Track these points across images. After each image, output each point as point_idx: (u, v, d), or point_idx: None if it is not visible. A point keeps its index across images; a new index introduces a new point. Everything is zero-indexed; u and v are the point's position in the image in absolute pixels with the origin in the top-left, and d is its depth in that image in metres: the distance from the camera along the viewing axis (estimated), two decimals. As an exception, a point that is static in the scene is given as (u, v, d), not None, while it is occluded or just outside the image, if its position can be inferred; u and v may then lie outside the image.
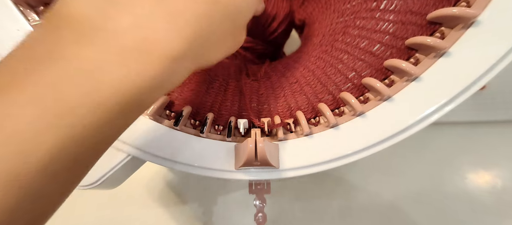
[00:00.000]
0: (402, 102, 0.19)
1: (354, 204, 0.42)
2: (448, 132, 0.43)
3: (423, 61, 0.19)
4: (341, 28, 0.23)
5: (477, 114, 0.42)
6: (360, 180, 0.43)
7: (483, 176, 0.42)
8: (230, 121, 0.21)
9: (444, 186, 0.42)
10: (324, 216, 0.42)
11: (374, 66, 0.20)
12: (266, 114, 0.22)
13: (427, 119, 0.18)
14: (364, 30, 0.21)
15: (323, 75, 0.22)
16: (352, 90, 0.21)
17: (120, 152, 0.20)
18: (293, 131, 0.21)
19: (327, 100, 0.21)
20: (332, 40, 0.23)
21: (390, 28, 0.20)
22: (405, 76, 0.19)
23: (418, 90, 0.18)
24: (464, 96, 0.17)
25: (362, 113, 0.20)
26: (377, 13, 0.21)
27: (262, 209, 0.27)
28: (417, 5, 0.19)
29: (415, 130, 0.18)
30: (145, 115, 0.20)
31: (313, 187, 0.43)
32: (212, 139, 0.21)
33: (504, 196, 0.40)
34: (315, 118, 0.22)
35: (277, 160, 0.20)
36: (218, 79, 0.24)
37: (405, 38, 0.20)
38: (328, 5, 0.26)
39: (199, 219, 0.43)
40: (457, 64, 0.18)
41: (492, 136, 0.43)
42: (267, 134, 0.21)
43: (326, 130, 0.20)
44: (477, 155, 0.43)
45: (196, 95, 0.22)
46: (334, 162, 0.20)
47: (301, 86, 0.23)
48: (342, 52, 0.22)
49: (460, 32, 0.18)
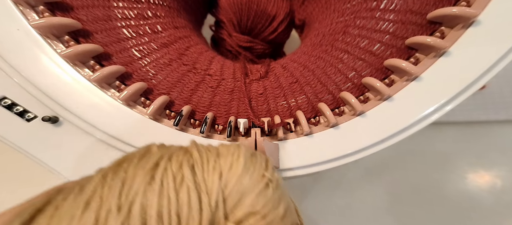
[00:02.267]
0: (402, 102, 0.19)
1: (354, 203, 0.42)
2: (448, 132, 0.43)
3: (423, 60, 0.19)
4: (341, 27, 0.23)
5: (477, 114, 0.42)
6: (360, 180, 0.43)
7: (483, 176, 0.42)
8: (230, 120, 0.21)
9: (444, 186, 0.42)
10: (324, 216, 0.42)
11: (374, 66, 0.20)
12: (266, 114, 0.22)
13: (427, 119, 0.18)
14: (364, 29, 0.21)
15: (323, 74, 0.22)
16: (352, 90, 0.21)
17: (120, 152, 0.20)
18: (293, 130, 0.21)
19: (327, 99, 0.21)
20: (332, 40, 0.23)
21: (390, 27, 0.20)
22: (405, 75, 0.19)
23: (418, 89, 0.18)
24: (464, 96, 0.17)
25: (362, 113, 0.20)
26: (377, 13, 0.21)
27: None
28: (417, 5, 0.19)
29: (415, 130, 0.18)
30: (145, 115, 0.20)
31: (313, 186, 0.43)
32: (212, 139, 0.21)
33: (504, 196, 0.40)
34: (315, 118, 0.21)
35: (277, 159, 0.20)
36: (218, 79, 0.24)
37: (405, 37, 0.20)
38: (328, 5, 0.26)
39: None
40: (457, 63, 0.18)
41: (492, 136, 0.42)
42: (267, 133, 0.21)
43: (326, 130, 0.20)
44: (477, 155, 0.43)
45: (196, 95, 0.22)
46: (334, 162, 0.20)
47: (301, 85, 0.23)
48: (342, 52, 0.22)
49: (460, 32, 0.18)
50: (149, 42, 0.22)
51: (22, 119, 0.20)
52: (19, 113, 0.20)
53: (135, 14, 0.23)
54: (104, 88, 0.20)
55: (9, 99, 0.20)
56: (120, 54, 0.21)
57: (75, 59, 0.19)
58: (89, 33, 0.20)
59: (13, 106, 0.19)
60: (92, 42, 0.20)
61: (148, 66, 0.22)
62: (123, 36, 0.22)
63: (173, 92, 0.22)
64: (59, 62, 0.19)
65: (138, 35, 0.22)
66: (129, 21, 0.22)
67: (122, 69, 0.20)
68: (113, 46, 0.21)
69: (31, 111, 0.20)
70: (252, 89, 0.24)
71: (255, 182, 0.11)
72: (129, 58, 0.21)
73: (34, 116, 0.20)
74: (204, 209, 0.10)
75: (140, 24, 0.23)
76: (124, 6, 0.22)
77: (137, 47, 0.22)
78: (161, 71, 0.22)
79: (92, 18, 0.21)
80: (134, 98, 0.21)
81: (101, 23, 0.21)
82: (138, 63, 0.21)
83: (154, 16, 0.24)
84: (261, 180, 0.12)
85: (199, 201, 0.10)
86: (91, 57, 0.20)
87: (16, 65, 0.18)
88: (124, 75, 0.21)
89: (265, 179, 0.12)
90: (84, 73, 0.20)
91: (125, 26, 0.22)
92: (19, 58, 0.18)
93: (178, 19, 0.27)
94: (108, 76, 0.20)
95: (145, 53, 0.22)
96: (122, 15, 0.22)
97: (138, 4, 0.23)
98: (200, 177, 0.11)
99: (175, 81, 0.22)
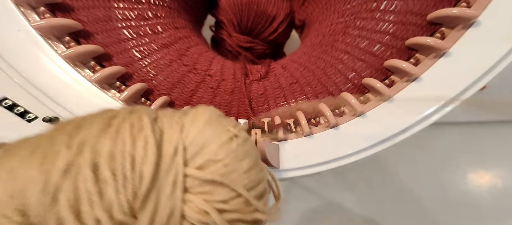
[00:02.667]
0: (402, 103, 0.19)
1: (354, 203, 0.42)
2: (448, 132, 0.43)
3: (423, 61, 0.19)
4: (341, 28, 0.23)
5: (477, 114, 0.42)
6: (360, 180, 0.43)
7: (483, 176, 0.42)
8: (231, 121, 0.21)
9: (444, 186, 0.42)
10: (324, 216, 0.42)
11: (374, 67, 0.20)
12: (266, 114, 0.22)
13: (427, 119, 0.18)
14: (364, 30, 0.21)
15: (323, 75, 0.22)
16: (352, 90, 0.21)
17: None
18: (293, 131, 0.21)
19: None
20: (332, 40, 0.23)
21: (390, 28, 0.20)
22: (405, 76, 0.19)
23: (418, 90, 0.18)
24: (464, 96, 0.17)
25: (362, 113, 0.20)
26: (377, 14, 0.21)
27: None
28: (417, 6, 0.19)
29: (415, 130, 0.18)
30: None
31: (312, 186, 0.43)
32: (213, 139, 0.21)
33: (504, 196, 0.40)
34: (316, 118, 0.22)
35: (277, 160, 0.20)
36: (218, 80, 0.24)
37: (405, 38, 0.20)
38: (328, 6, 0.26)
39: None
40: (457, 64, 0.18)
41: (492, 136, 0.43)
42: (267, 134, 0.21)
43: (326, 130, 0.20)
44: (477, 155, 0.43)
45: (196, 95, 0.22)
46: (334, 162, 0.20)
47: (301, 86, 0.23)
48: (342, 52, 0.22)
49: (460, 33, 0.18)
50: (150, 42, 0.22)
51: (23, 120, 0.20)
52: (20, 114, 0.20)
53: (136, 15, 0.23)
54: (104, 89, 0.20)
55: (10, 100, 0.20)
56: (121, 55, 0.21)
57: (76, 60, 0.19)
58: (90, 34, 0.20)
59: (14, 107, 0.20)
60: (93, 43, 0.20)
61: (149, 66, 0.22)
62: (124, 37, 0.22)
63: (174, 92, 0.22)
64: (60, 63, 0.19)
65: (138, 36, 0.22)
66: (130, 22, 0.22)
67: (122, 70, 0.20)
68: (113, 47, 0.21)
69: (32, 112, 0.20)
70: (252, 89, 0.24)
71: (218, 134, 0.11)
72: (129, 59, 0.21)
73: (35, 117, 0.20)
74: (163, 153, 0.10)
75: (140, 25, 0.23)
76: (125, 7, 0.22)
77: (138, 47, 0.22)
78: (162, 71, 0.22)
79: (92, 19, 0.21)
80: (134, 98, 0.21)
81: (102, 24, 0.21)
82: (138, 63, 0.22)
83: (154, 17, 0.24)
84: (224, 133, 0.11)
85: (156, 146, 0.10)
86: (91, 58, 0.20)
87: (16, 65, 0.18)
88: (124, 75, 0.21)
89: (229, 133, 0.11)
90: (84, 74, 0.20)
91: (126, 27, 0.22)
92: (20, 59, 0.18)
93: (178, 19, 0.27)
94: (108, 77, 0.20)
95: (145, 53, 0.22)
96: (122, 16, 0.22)
97: (138, 5, 0.23)
98: (160, 127, 0.11)
99: (175, 81, 0.22)
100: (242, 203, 0.11)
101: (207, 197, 0.10)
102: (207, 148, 0.11)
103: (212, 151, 0.11)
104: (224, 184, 0.10)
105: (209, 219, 0.10)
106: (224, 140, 0.11)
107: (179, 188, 0.10)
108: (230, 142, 0.11)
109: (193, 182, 0.10)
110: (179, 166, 0.10)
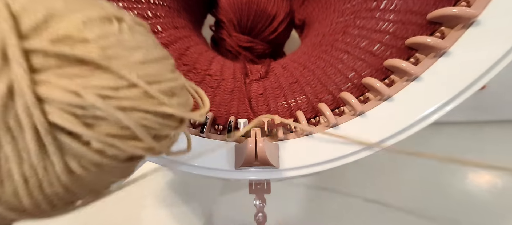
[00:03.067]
0: (402, 102, 0.19)
1: (354, 203, 0.42)
2: (448, 132, 0.43)
3: (423, 61, 0.19)
4: (341, 27, 0.23)
5: (477, 114, 0.42)
6: (360, 180, 0.43)
7: (483, 176, 0.42)
8: (230, 121, 0.21)
9: (444, 186, 0.42)
10: (324, 216, 0.42)
11: (374, 66, 0.20)
12: (266, 114, 0.22)
13: (427, 119, 0.18)
14: (364, 29, 0.21)
15: (323, 75, 0.22)
16: (352, 90, 0.21)
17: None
18: (293, 131, 0.21)
19: (327, 100, 0.21)
20: (332, 40, 0.23)
21: (390, 27, 0.20)
22: (405, 76, 0.19)
23: (418, 90, 0.18)
24: (464, 96, 0.17)
25: (362, 113, 0.20)
26: (377, 13, 0.21)
27: (262, 209, 0.27)
28: (417, 5, 0.19)
29: (415, 130, 0.18)
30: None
31: (312, 186, 0.43)
32: (212, 139, 0.21)
33: (504, 196, 0.40)
34: (315, 118, 0.21)
35: (277, 160, 0.20)
36: (218, 79, 0.24)
37: (405, 37, 0.20)
38: (328, 5, 0.26)
39: (199, 219, 0.43)
40: (457, 64, 0.18)
41: (492, 136, 0.43)
42: (267, 134, 0.21)
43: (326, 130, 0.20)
44: (477, 155, 0.43)
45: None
46: (334, 162, 0.20)
47: (301, 86, 0.23)
48: (342, 52, 0.22)
49: (460, 32, 0.18)
50: (149, 42, 0.22)
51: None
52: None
53: (135, 14, 0.23)
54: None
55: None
56: (120, 54, 0.21)
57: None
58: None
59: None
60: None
61: (148, 66, 0.22)
62: (123, 36, 0.22)
63: (173, 92, 0.22)
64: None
65: (138, 35, 0.22)
66: (129, 21, 0.22)
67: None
68: (113, 46, 0.21)
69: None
70: (252, 89, 0.24)
71: (80, 9, 0.09)
72: (129, 58, 0.21)
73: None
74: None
75: (140, 24, 0.23)
76: (124, 6, 0.22)
77: (137, 47, 0.22)
78: (161, 71, 0.22)
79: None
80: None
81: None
82: (138, 63, 0.21)
83: (154, 16, 0.24)
84: (97, 12, 0.09)
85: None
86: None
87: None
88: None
89: (106, 13, 0.09)
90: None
91: (125, 26, 0.22)
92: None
93: (178, 19, 0.27)
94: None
95: (145, 53, 0.22)
96: (122, 15, 0.22)
97: (138, 4, 0.23)
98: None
99: (175, 81, 0.22)
100: (139, 94, 0.09)
101: (80, 80, 0.08)
102: (60, 20, 0.08)
103: (71, 25, 0.08)
104: (104, 67, 0.08)
105: (85, 102, 0.08)
106: (93, 17, 0.09)
107: (16, 62, 0.07)
108: (107, 23, 0.09)
109: (47, 61, 0.08)
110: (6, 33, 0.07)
